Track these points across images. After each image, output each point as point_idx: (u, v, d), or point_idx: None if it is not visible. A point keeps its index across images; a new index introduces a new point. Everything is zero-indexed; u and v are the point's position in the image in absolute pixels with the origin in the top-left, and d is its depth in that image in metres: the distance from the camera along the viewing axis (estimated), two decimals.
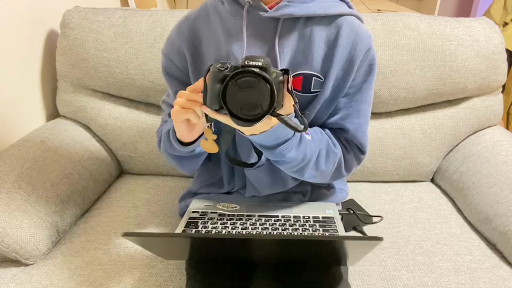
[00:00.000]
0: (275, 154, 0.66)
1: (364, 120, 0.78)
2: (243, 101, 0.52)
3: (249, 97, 0.52)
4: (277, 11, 0.70)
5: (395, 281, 0.81)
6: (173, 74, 0.82)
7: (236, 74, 0.52)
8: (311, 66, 0.73)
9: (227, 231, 0.76)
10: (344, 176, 0.81)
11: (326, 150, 0.74)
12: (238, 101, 0.52)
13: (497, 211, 0.93)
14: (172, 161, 0.80)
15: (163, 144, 0.77)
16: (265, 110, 0.52)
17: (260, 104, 0.52)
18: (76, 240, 0.93)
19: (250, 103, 0.52)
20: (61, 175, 1.00)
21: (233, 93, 0.52)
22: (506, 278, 0.83)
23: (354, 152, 0.80)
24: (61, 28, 1.16)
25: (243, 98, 0.52)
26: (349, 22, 0.73)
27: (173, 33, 0.80)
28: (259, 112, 0.52)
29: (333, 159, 0.75)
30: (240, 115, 0.53)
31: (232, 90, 0.52)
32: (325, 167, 0.74)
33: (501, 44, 1.10)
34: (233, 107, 0.53)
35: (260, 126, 0.59)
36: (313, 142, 0.71)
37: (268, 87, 0.51)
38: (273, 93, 0.51)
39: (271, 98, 0.52)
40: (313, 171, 0.73)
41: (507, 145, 1.08)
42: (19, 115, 1.12)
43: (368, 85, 0.77)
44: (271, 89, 0.51)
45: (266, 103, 0.52)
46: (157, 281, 0.82)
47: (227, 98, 0.53)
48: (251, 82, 0.51)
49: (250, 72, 0.52)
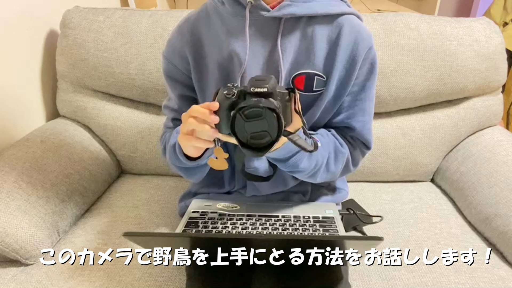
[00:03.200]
0: (288, 165, 0.69)
1: (368, 118, 0.80)
2: (251, 131, 0.53)
3: (257, 127, 0.53)
4: (279, 11, 0.70)
5: (395, 281, 0.81)
6: (175, 77, 0.81)
7: (242, 107, 0.53)
8: (313, 65, 0.74)
9: (227, 231, 0.76)
10: (352, 171, 0.83)
11: (335, 152, 0.76)
12: (247, 131, 0.53)
13: (497, 211, 0.93)
14: (178, 171, 0.80)
15: (169, 157, 0.77)
16: (274, 137, 0.53)
17: (269, 132, 0.53)
18: (76, 240, 0.93)
19: (259, 132, 0.53)
20: (61, 175, 1.00)
21: (241, 124, 0.53)
22: (506, 278, 0.83)
23: (360, 148, 0.81)
24: (61, 28, 1.16)
25: (251, 128, 0.53)
26: (350, 21, 0.74)
27: (174, 35, 0.80)
28: (268, 140, 0.53)
29: (342, 159, 0.77)
30: (250, 144, 0.54)
31: (240, 121, 0.54)
32: (335, 168, 0.76)
33: (501, 44, 1.10)
34: (243, 137, 0.54)
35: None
36: (323, 148, 0.72)
37: (275, 116, 0.52)
38: (280, 120, 0.52)
39: (278, 126, 0.53)
40: (324, 174, 0.76)
41: (507, 145, 1.08)
42: (19, 115, 1.12)
43: (370, 84, 0.77)
44: (278, 117, 0.52)
45: (274, 131, 0.53)
46: (157, 281, 0.82)
47: (236, 129, 0.54)
48: (258, 113, 0.53)
49: (255, 106, 0.53)
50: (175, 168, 0.79)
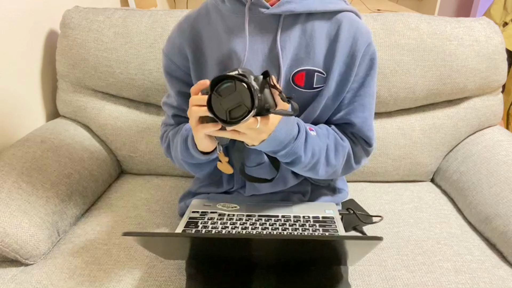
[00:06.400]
0: (287, 155, 0.68)
1: (368, 114, 0.79)
2: (228, 106, 0.55)
3: (232, 101, 0.55)
4: (278, 8, 0.71)
5: (395, 281, 0.81)
6: (174, 74, 0.82)
7: (213, 85, 0.56)
8: (313, 62, 0.74)
9: (227, 231, 0.76)
10: (355, 169, 0.82)
11: (334, 144, 0.75)
12: (224, 108, 0.56)
13: (497, 211, 0.93)
14: (186, 166, 0.81)
15: (181, 153, 0.77)
16: (249, 106, 0.55)
17: (244, 103, 0.55)
18: (76, 240, 0.93)
19: (235, 105, 0.55)
20: (61, 175, 1.00)
21: (217, 102, 0.56)
22: (506, 278, 0.83)
23: (361, 145, 0.81)
24: (61, 28, 1.16)
25: (228, 104, 0.55)
26: (349, 18, 0.74)
27: (174, 32, 0.81)
28: (245, 110, 0.55)
29: (342, 152, 0.76)
30: (230, 120, 0.56)
31: (216, 101, 0.56)
32: (335, 161, 0.76)
33: (501, 44, 1.10)
34: (222, 115, 0.56)
35: (257, 134, 0.61)
36: (319, 138, 0.73)
37: (245, 86, 0.54)
38: (251, 89, 0.54)
39: (250, 94, 0.54)
40: (325, 167, 0.75)
41: (507, 145, 1.08)
42: (19, 115, 1.12)
43: (370, 80, 0.77)
44: (248, 86, 0.54)
45: (248, 100, 0.55)
46: (157, 281, 0.82)
47: (214, 109, 0.56)
48: (230, 87, 0.55)
49: (224, 78, 0.55)
50: (184, 164, 0.80)
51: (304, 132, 0.69)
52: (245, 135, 0.61)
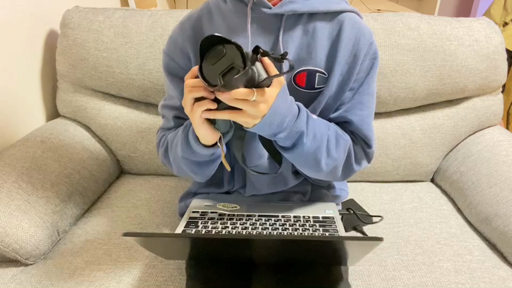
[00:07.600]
0: (290, 136, 0.65)
1: (367, 112, 0.78)
2: (220, 71, 0.54)
3: (223, 64, 0.54)
4: (280, 8, 0.71)
5: (395, 281, 0.81)
6: (175, 74, 0.81)
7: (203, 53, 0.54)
8: (314, 62, 0.74)
9: (227, 231, 0.76)
10: (355, 170, 0.80)
11: (335, 136, 0.73)
12: (216, 73, 0.54)
13: (497, 211, 0.93)
14: (186, 168, 0.78)
15: (182, 150, 0.74)
16: (241, 66, 0.54)
17: (235, 63, 0.54)
18: (76, 240, 0.93)
19: (227, 68, 0.54)
20: (61, 175, 1.00)
21: (208, 69, 0.55)
22: (506, 278, 0.83)
23: (361, 145, 0.80)
24: (61, 28, 1.16)
25: (219, 68, 0.54)
26: (351, 18, 0.74)
27: (176, 32, 0.80)
28: (238, 71, 0.54)
29: (343, 144, 0.74)
30: (224, 84, 0.55)
31: (207, 68, 0.55)
32: (336, 153, 0.73)
33: (501, 44, 1.10)
34: (215, 81, 0.55)
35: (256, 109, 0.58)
36: (320, 122, 0.71)
37: (234, 46, 0.53)
38: (240, 48, 0.53)
39: (241, 53, 0.53)
40: (326, 159, 0.72)
41: (507, 145, 1.08)
42: (19, 115, 1.12)
43: (370, 78, 0.77)
44: (237, 46, 0.53)
45: (239, 59, 0.53)
46: (157, 281, 0.82)
47: (207, 77, 0.55)
48: (219, 51, 0.54)
49: (211, 38, 0.54)
50: (184, 166, 0.77)
51: (305, 113, 0.67)
52: (244, 113, 0.59)
